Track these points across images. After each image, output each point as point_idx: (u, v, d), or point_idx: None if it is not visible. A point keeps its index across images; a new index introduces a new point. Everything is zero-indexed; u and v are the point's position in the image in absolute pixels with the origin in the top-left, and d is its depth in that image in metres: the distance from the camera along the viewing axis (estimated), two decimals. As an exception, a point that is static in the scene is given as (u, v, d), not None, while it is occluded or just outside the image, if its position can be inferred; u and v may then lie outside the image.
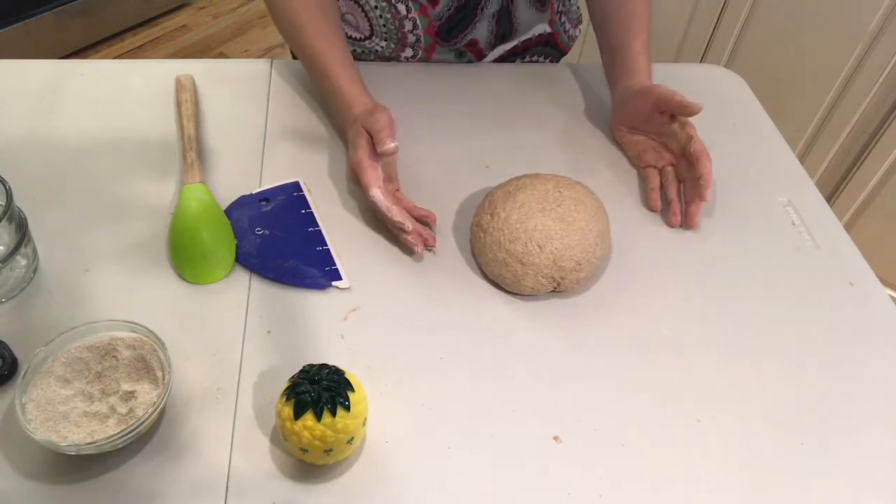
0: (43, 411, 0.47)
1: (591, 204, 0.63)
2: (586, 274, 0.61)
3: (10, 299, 0.58)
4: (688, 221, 0.69)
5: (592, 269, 0.61)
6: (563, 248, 0.59)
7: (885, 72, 1.28)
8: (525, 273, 0.60)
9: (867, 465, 0.53)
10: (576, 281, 0.61)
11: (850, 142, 1.40)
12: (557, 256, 0.59)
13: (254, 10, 2.45)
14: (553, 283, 0.60)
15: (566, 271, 0.60)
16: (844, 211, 1.45)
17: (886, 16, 1.23)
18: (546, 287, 0.60)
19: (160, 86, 0.78)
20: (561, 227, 0.60)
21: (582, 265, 0.60)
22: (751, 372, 0.58)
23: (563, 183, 0.63)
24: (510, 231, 0.60)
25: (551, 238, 0.59)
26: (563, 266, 0.59)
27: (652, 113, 0.71)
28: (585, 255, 0.60)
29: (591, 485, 0.50)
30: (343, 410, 0.46)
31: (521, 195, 0.62)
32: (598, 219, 0.62)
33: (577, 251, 0.60)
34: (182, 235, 0.62)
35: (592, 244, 0.61)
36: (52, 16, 1.99)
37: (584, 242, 0.60)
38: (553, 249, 0.59)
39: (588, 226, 0.61)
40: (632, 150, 0.77)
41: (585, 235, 0.60)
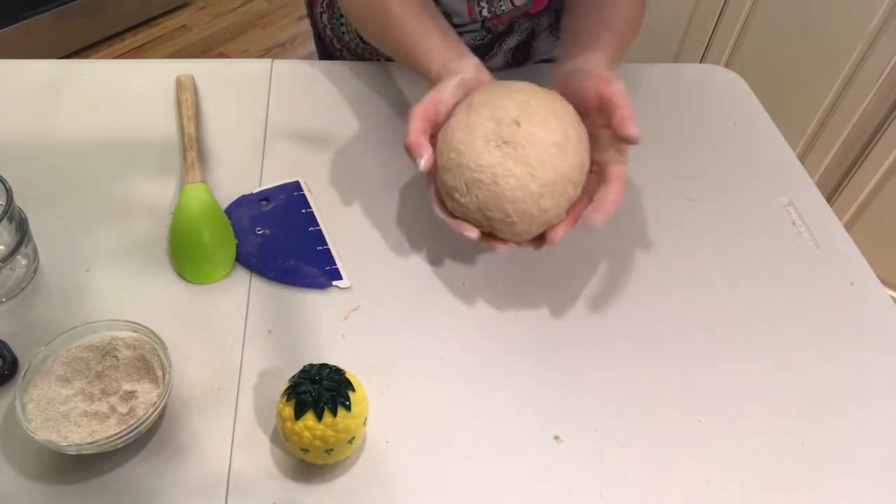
0: (43, 411, 0.47)
1: (556, 135, 0.52)
2: (526, 227, 0.53)
3: (11, 299, 0.58)
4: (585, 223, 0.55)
5: (536, 222, 0.53)
6: (491, 197, 0.52)
7: (885, 72, 1.28)
8: (454, 207, 0.55)
9: (867, 465, 0.53)
10: (513, 234, 0.54)
11: (850, 142, 1.40)
12: (482, 204, 0.52)
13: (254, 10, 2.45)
14: (485, 228, 0.54)
15: (495, 220, 0.53)
16: (844, 211, 1.45)
17: (886, 16, 1.23)
18: (482, 228, 0.55)
19: (160, 86, 0.78)
20: (498, 169, 0.51)
21: (514, 217, 0.52)
22: (751, 372, 0.58)
23: (530, 105, 0.53)
24: (446, 157, 0.54)
25: (479, 183, 0.52)
26: (491, 216, 0.53)
27: (591, 106, 0.56)
28: (521, 207, 0.52)
29: (591, 485, 0.50)
30: (344, 410, 0.46)
31: (475, 114, 0.53)
32: (559, 158, 0.52)
33: (509, 202, 0.52)
34: (182, 235, 0.62)
35: (535, 194, 0.51)
36: (52, 16, 1.99)
37: (522, 192, 0.51)
38: (479, 195, 0.52)
39: (537, 170, 0.51)
40: None
41: (527, 183, 0.51)
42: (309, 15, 0.92)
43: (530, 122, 0.52)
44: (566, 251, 0.65)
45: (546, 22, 0.83)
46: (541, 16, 0.82)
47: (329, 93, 0.80)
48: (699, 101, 0.86)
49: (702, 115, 0.84)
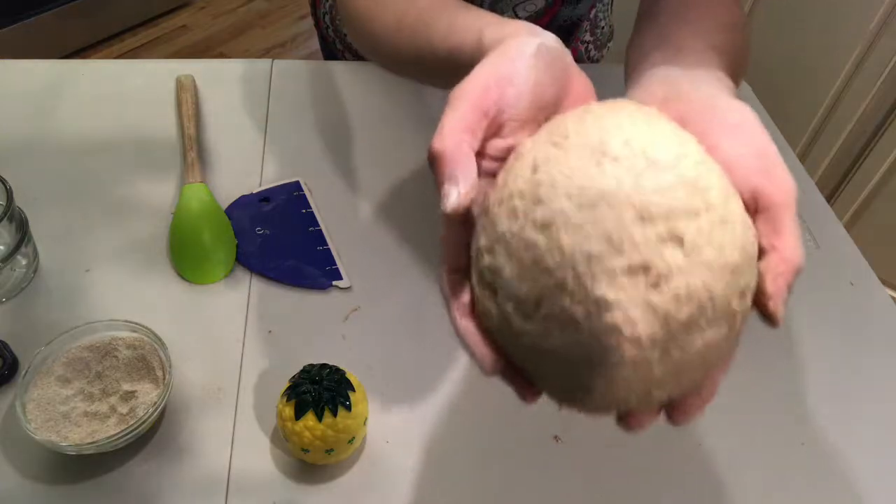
0: (43, 411, 0.47)
1: (730, 286, 0.28)
2: (606, 409, 0.31)
3: (11, 299, 0.58)
4: None
5: (623, 408, 0.31)
6: (578, 351, 0.28)
7: (885, 72, 1.28)
8: (490, 317, 0.31)
9: (867, 465, 0.53)
10: (572, 405, 0.32)
11: (850, 142, 1.40)
12: (554, 351, 0.29)
13: (254, 10, 2.45)
14: (527, 374, 0.32)
15: (558, 385, 0.31)
16: (844, 211, 1.45)
17: (886, 16, 1.23)
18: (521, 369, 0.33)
19: (160, 86, 0.78)
20: (617, 316, 0.27)
21: (597, 397, 0.29)
22: (750, 372, 0.58)
23: (710, 201, 0.28)
24: (511, 232, 0.29)
25: (569, 319, 0.27)
26: (557, 377, 0.30)
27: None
28: (620, 387, 0.29)
29: (591, 485, 0.50)
30: (344, 410, 0.46)
31: (596, 180, 0.28)
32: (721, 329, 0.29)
33: (604, 375, 0.28)
34: (182, 235, 0.62)
35: (657, 377, 0.28)
36: (52, 16, 1.99)
37: (636, 371, 0.28)
38: (556, 337, 0.28)
39: (683, 340, 0.28)
40: None
41: (653, 357, 0.28)
42: (312, 15, 0.92)
43: (702, 249, 0.27)
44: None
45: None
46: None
47: (329, 93, 0.80)
48: (699, 101, 0.86)
49: (702, 115, 0.84)
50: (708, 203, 0.27)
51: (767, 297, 0.29)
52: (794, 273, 0.29)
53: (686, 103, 0.33)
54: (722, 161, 0.31)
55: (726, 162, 0.31)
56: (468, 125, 0.30)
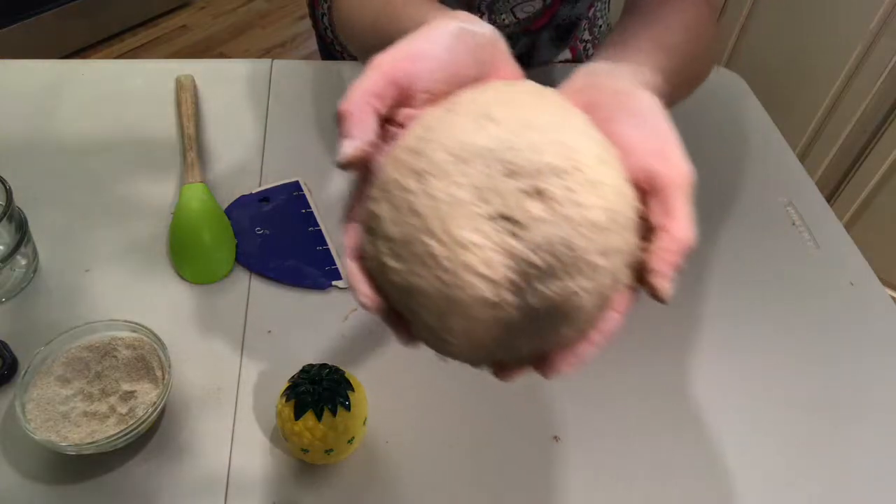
0: (43, 411, 0.47)
1: (598, 243, 0.29)
2: (469, 356, 0.33)
3: (10, 299, 0.58)
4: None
5: (488, 358, 0.33)
6: (440, 299, 0.30)
7: (885, 72, 1.27)
8: (372, 260, 0.32)
9: (867, 465, 0.53)
10: (442, 350, 0.33)
11: (850, 142, 1.40)
12: (418, 295, 0.31)
13: (254, 10, 2.45)
14: (404, 315, 0.34)
15: (423, 326, 0.32)
16: (844, 211, 1.45)
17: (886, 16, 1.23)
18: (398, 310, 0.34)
19: (160, 86, 0.78)
20: (473, 259, 0.29)
21: (455, 340, 0.31)
22: (751, 372, 0.58)
23: (577, 159, 0.30)
24: (395, 185, 0.31)
25: (432, 262, 0.29)
26: (424, 319, 0.31)
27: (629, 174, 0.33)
28: (477, 332, 0.30)
29: (591, 485, 0.50)
30: (344, 410, 0.46)
31: (474, 136, 0.30)
32: (590, 281, 0.30)
33: (464, 317, 0.30)
34: (182, 235, 0.62)
35: (514, 324, 0.30)
36: (52, 16, 1.99)
37: (492, 314, 0.30)
38: (422, 278, 0.30)
39: (539, 293, 0.29)
40: None
41: (509, 303, 0.29)
42: (310, 16, 0.93)
43: (566, 206, 0.29)
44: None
45: (547, 36, 0.82)
46: (541, 31, 0.81)
47: (329, 93, 0.80)
48: (699, 101, 0.86)
49: (702, 115, 0.84)
50: (577, 165, 0.29)
51: (653, 273, 0.30)
52: (683, 252, 0.31)
53: (598, 92, 0.35)
54: (621, 144, 0.33)
55: (625, 144, 0.33)
56: (376, 91, 0.32)
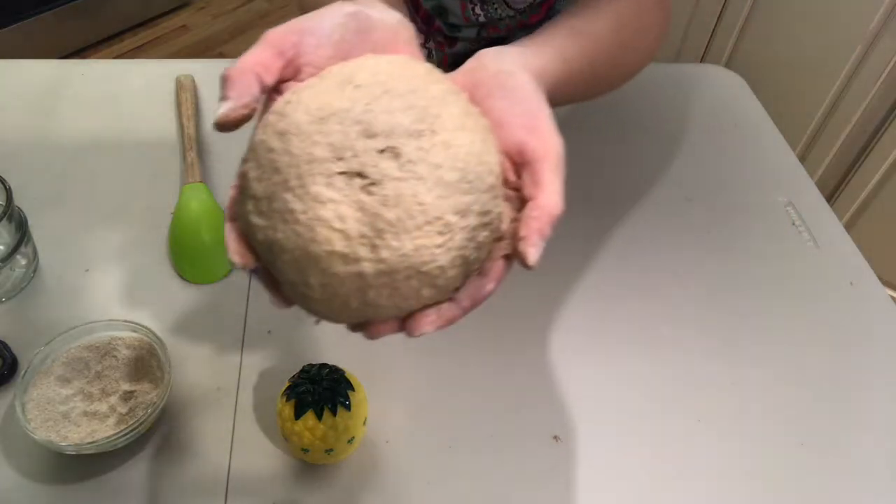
0: (43, 411, 0.47)
1: (449, 203, 0.30)
2: (328, 312, 0.33)
3: (10, 299, 0.58)
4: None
5: (345, 313, 0.33)
6: (295, 249, 0.31)
7: (885, 72, 1.27)
8: (242, 218, 0.34)
9: (867, 465, 0.53)
10: (305, 306, 0.34)
11: (850, 142, 1.40)
12: (279, 248, 0.31)
13: (254, 10, 2.45)
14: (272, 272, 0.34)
15: (286, 280, 0.32)
16: (844, 211, 1.45)
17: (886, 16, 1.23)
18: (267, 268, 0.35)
19: (160, 86, 0.78)
20: (328, 214, 0.30)
21: (315, 293, 0.32)
22: (751, 372, 0.58)
23: (435, 125, 0.31)
24: (262, 146, 0.33)
25: (289, 216, 0.31)
26: (284, 271, 0.32)
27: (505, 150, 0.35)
28: (332, 285, 0.31)
29: (591, 485, 0.50)
30: (344, 410, 0.46)
31: (337, 100, 0.32)
32: (436, 239, 0.30)
33: (318, 270, 0.31)
34: (182, 235, 0.62)
35: (364, 280, 0.31)
36: (52, 16, 1.99)
37: (344, 267, 0.30)
38: (282, 234, 0.31)
39: (389, 246, 0.30)
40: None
41: (362, 256, 0.30)
42: None
43: (418, 165, 0.30)
44: (565, 251, 0.65)
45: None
46: (539, 26, 0.81)
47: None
48: (699, 101, 0.86)
49: (702, 115, 0.84)
50: (433, 128, 0.31)
51: (519, 238, 0.32)
52: (550, 219, 0.32)
53: (481, 72, 0.37)
54: (494, 118, 0.35)
55: (498, 118, 0.35)
56: (262, 60, 0.33)
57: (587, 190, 0.72)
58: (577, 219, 0.69)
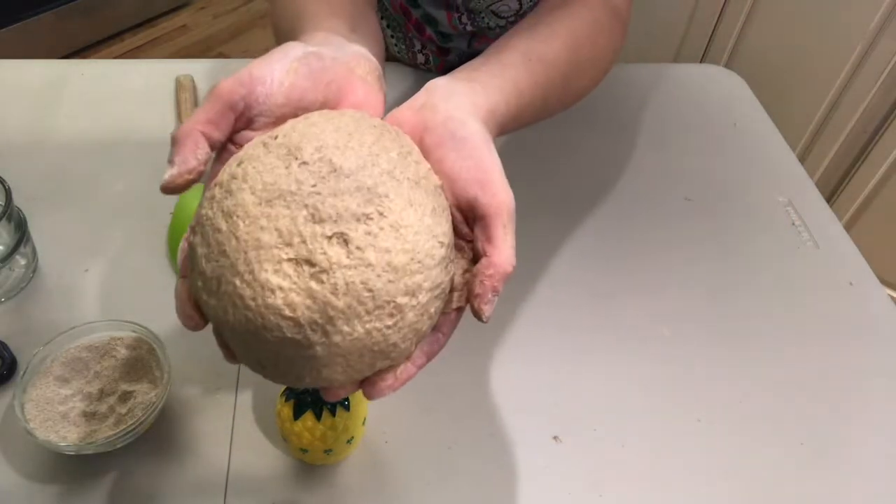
0: (42, 411, 0.47)
1: (398, 287, 0.31)
2: (281, 382, 0.34)
3: (10, 299, 0.58)
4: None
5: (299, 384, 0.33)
6: (245, 334, 0.31)
7: (885, 72, 1.27)
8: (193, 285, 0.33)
9: (867, 465, 0.53)
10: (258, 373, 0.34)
11: (850, 142, 1.39)
12: (232, 329, 0.32)
13: (254, 10, 2.45)
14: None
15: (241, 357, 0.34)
16: (844, 211, 1.45)
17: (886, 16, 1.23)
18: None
19: (160, 86, 0.78)
20: (277, 301, 0.30)
21: (267, 370, 0.33)
22: (750, 371, 0.58)
23: (384, 206, 0.31)
24: (208, 221, 0.33)
25: (238, 304, 0.31)
26: (238, 352, 0.33)
27: (456, 201, 0.35)
28: (282, 365, 0.32)
29: (591, 485, 0.50)
30: (343, 410, 0.46)
31: (286, 180, 0.31)
32: (388, 325, 0.31)
33: (270, 352, 0.31)
34: (182, 235, 0.62)
35: (317, 362, 0.31)
36: (52, 16, 1.99)
37: (294, 351, 0.31)
38: (232, 316, 0.31)
39: (339, 335, 0.30)
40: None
41: (312, 343, 0.30)
42: None
43: (366, 251, 0.30)
44: (565, 251, 0.65)
45: None
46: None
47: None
48: (699, 101, 0.86)
49: (702, 115, 0.84)
50: (381, 211, 0.31)
51: (473, 295, 0.33)
52: (502, 277, 0.32)
53: (432, 115, 0.37)
54: (445, 172, 0.35)
55: (449, 172, 0.35)
56: (210, 118, 0.33)
57: (587, 190, 0.72)
58: (577, 219, 0.69)
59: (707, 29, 1.48)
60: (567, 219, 0.69)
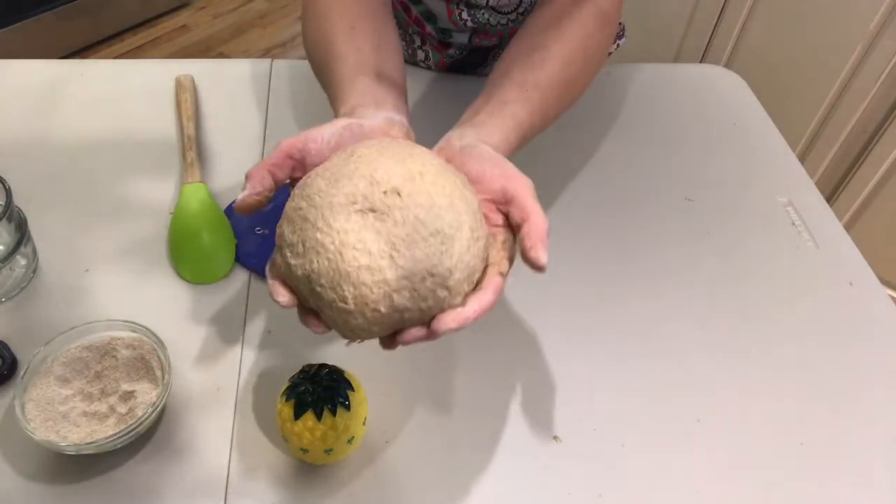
0: (42, 411, 0.47)
1: (442, 223, 0.40)
2: (363, 323, 0.40)
3: (10, 299, 0.58)
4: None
5: (378, 322, 0.40)
6: (329, 271, 0.39)
7: (885, 72, 1.27)
8: (281, 268, 0.42)
9: (867, 465, 0.53)
10: (345, 327, 0.41)
11: (850, 142, 1.39)
12: (315, 274, 0.40)
13: (254, 10, 2.45)
14: (312, 306, 0.42)
15: (324, 302, 0.40)
16: (844, 211, 1.45)
17: (886, 16, 1.23)
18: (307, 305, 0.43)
19: (160, 86, 0.78)
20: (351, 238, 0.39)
21: (350, 305, 0.39)
22: (751, 372, 0.58)
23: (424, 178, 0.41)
24: (294, 204, 0.42)
25: (321, 248, 0.40)
26: (321, 294, 0.40)
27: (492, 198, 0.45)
28: (363, 295, 0.39)
29: (590, 485, 0.50)
30: (343, 410, 0.46)
31: (350, 165, 0.42)
32: (437, 251, 0.39)
33: (350, 283, 0.39)
34: (182, 235, 0.62)
35: (388, 285, 0.39)
36: (52, 16, 1.99)
37: (370, 277, 0.39)
38: (315, 263, 0.40)
39: (402, 257, 0.39)
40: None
41: (382, 268, 0.39)
42: None
43: (415, 196, 0.40)
44: (565, 251, 0.65)
45: None
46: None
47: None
48: (699, 101, 0.86)
49: (702, 115, 0.84)
50: (423, 176, 0.41)
51: (528, 249, 0.41)
52: (543, 232, 0.41)
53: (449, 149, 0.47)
54: (473, 176, 0.45)
55: (476, 176, 0.45)
56: (274, 162, 0.44)
57: (587, 189, 0.72)
58: (577, 219, 0.69)
59: (707, 29, 1.48)
60: (566, 218, 0.69)
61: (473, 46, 0.80)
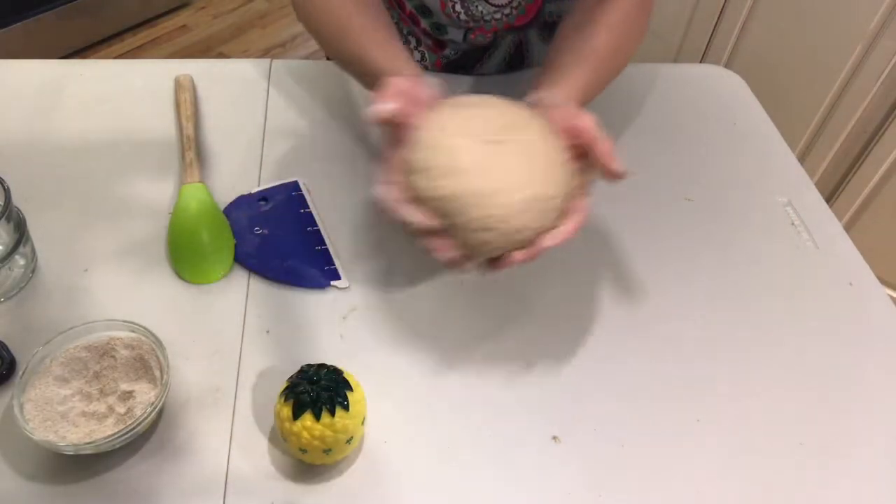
0: (41, 411, 0.47)
1: (552, 154, 0.50)
2: (491, 241, 0.48)
3: (9, 299, 0.58)
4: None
5: (504, 240, 0.48)
6: (464, 194, 0.47)
7: (885, 72, 1.27)
8: (409, 192, 0.49)
9: (867, 465, 0.53)
10: (470, 246, 0.49)
11: (850, 142, 1.39)
12: (447, 198, 0.47)
13: (254, 10, 2.45)
14: (437, 229, 0.49)
15: (457, 224, 0.47)
16: (844, 211, 1.45)
17: (886, 16, 1.23)
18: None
19: (160, 86, 0.78)
20: (485, 162, 0.48)
21: (480, 226, 0.47)
22: (750, 372, 0.58)
23: (526, 118, 0.51)
24: (424, 133, 0.50)
25: (454, 172, 0.48)
26: (453, 216, 0.47)
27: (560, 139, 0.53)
28: (494, 217, 0.47)
29: (590, 485, 0.50)
30: (342, 410, 0.46)
31: (464, 108, 0.52)
32: (551, 178, 0.49)
33: (482, 206, 0.47)
34: (181, 235, 0.62)
35: (517, 207, 0.47)
36: (52, 16, 1.99)
37: (503, 199, 0.47)
38: (447, 186, 0.47)
39: (528, 183, 0.48)
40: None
41: (512, 191, 0.47)
42: None
43: (527, 131, 0.49)
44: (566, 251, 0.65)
45: (536, 34, 0.82)
46: (527, 29, 0.81)
47: (328, 92, 0.80)
48: (699, 101, 0.86)
49: (702, 115, 0.84)
50: (529, 128, 0.50)
51: (606, 161, 0.50)
52: (611, 150, 0.50)
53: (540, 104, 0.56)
54: (551, 115, 0.53)
55: (553, 115, 0.53)
56: (402, 90, 0.52)
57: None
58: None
59: (707, 29, 1.48)
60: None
61: (468, 46, 0.80)
